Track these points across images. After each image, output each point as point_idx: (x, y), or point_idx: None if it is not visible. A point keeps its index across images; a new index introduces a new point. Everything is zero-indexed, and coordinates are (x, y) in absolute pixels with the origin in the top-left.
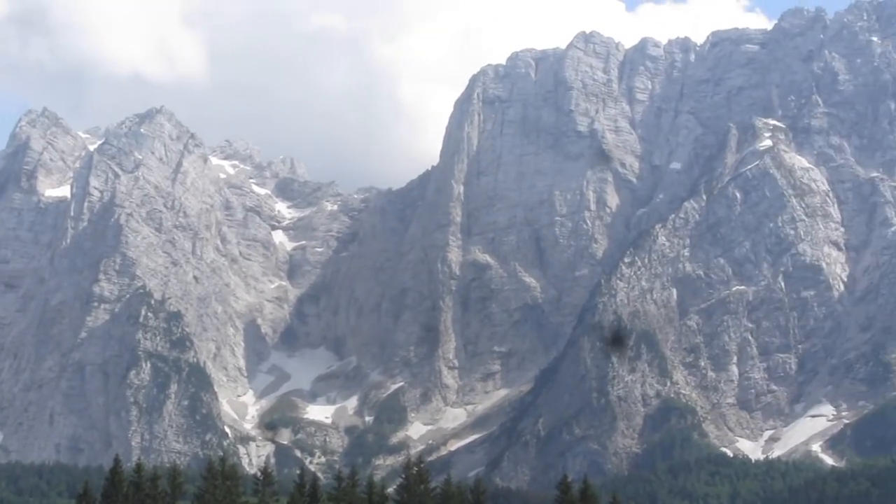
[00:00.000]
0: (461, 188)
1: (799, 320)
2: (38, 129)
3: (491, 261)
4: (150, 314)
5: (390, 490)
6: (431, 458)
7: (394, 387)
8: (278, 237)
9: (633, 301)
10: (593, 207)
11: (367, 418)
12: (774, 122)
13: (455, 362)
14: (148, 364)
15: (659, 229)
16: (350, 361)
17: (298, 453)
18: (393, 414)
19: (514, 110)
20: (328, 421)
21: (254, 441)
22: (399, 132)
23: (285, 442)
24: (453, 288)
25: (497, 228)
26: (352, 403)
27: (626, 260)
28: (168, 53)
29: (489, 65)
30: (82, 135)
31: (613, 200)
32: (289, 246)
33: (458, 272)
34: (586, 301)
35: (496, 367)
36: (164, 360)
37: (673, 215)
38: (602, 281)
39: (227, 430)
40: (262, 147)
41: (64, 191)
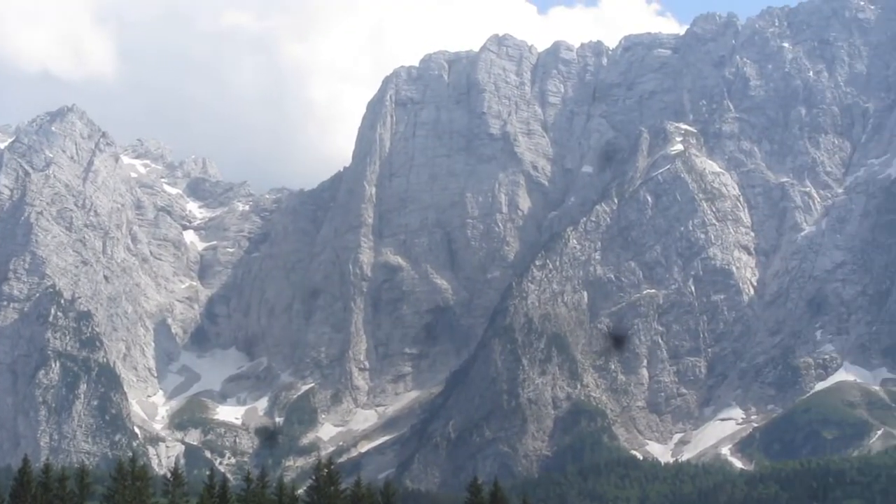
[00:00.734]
0: (373, 190)
1: (709, 324)
2: None
3: (402, 262)
4: (60, 313)
5: (300, 491)
6: (342, 460)
7: (304, 388)
8: (189, 237)
9: (544, 304)
10: (505, 210)
11: (278, 419)
12: (686, 127)
13: (366, 364)
14: (57, 364)
15: (570, 232)
16: (261, 362)
17: (208, 454)
18: (303, 415)
19: (427, 112)
20: (238, 422)
21: (163, 441)
22: (310, 132)
23: (195, 443)
24: (365, 289)
25: (409, 230)
26: (262, 404)
27: (538, 262)
28: (78, 51)
29: (402, 66)
30: None
31: (525, 203)
32: (200, 246)
33: (370, 274)
34: (497, 303)
35: (407, 369)
36: (74, 360)
37: (584, 218)
38: (513, 283)
39: (137, 431)
40: (174, 146)
41: None
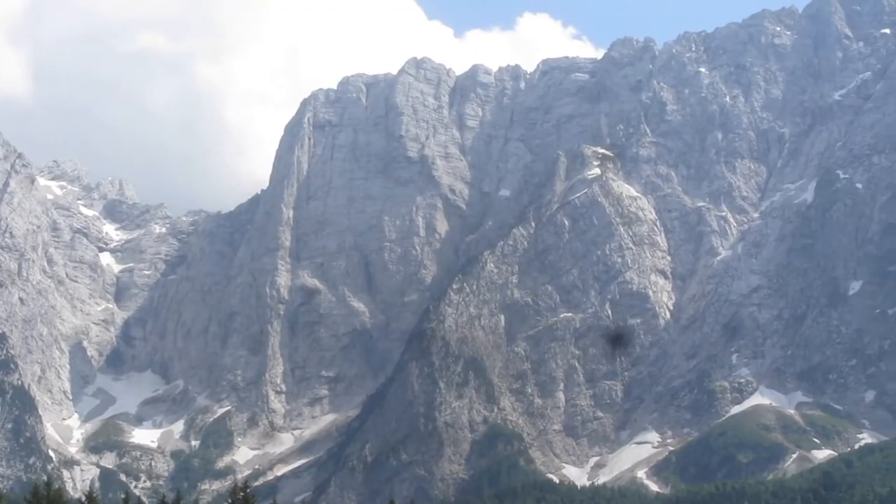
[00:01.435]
0: (290, 212)
1: (625, 348)
2: None
3: (320, 285)
4: None
5: None
6: (258, 483)
7: (221, 411)
8: (106, 259)
9: (462, 327)
10: (423, 233)
11: (194, 442)
12: (603, 151)
13: (282, 387)
14: None
15: (488, 256)
16: (177, 385)
17: (123, 477)
18: (219, 438)
19: (345, 135)
20: (154, 445)
21: (78, 465)
22: (225, 155)
23: (110, 466)
24: (281, 312)
25: (326, 253)
26: (178, 427)
27: (455, 286)
28: None
29: (320, 89)
30: None
31: (443, 226)
32: (116, 268)
33: (287, 296)
34: (414, 326)
35: (324, 392)
36: None
37: (502, 242)
38: (430, 307)
39: (52, 454)
40: (91, 168)
41: None
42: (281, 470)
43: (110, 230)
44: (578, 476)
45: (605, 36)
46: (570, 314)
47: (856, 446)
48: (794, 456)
